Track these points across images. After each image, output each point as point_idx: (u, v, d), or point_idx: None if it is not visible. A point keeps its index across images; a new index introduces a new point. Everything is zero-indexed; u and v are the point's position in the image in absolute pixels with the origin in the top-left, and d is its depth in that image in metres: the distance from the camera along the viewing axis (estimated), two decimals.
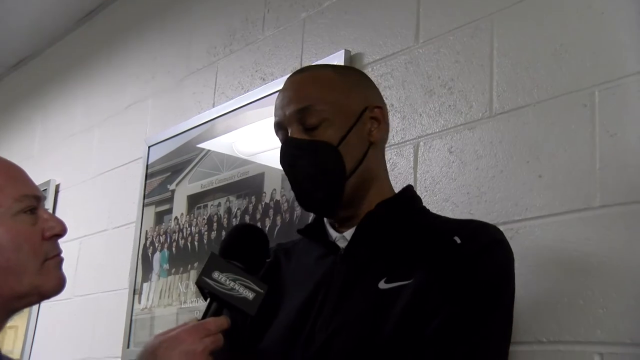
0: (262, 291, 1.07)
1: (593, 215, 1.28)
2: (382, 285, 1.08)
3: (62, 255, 1.17)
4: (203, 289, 1.09)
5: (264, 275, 1.20)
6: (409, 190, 1.24)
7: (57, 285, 1.15)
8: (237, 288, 1.06)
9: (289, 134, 1.16)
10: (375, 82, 1.29)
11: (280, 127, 1.19)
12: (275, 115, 1.19)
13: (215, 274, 1.06)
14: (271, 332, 1.16)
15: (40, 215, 1.15)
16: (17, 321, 3.11)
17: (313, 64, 1.81)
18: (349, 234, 1.17)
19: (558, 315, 1.29)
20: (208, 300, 1.08)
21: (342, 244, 1.17)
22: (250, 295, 1.07)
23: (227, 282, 1.06)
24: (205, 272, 1.07)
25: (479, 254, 1.07)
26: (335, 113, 1.15)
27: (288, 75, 1.23)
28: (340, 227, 1.20)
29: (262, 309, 1.07)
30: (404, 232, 1.15)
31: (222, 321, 1.05)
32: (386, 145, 1.67)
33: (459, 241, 1.08)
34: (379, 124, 1.19)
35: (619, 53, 1.32)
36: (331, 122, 1.14)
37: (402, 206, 1.20)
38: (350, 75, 1.24)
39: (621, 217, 1.25)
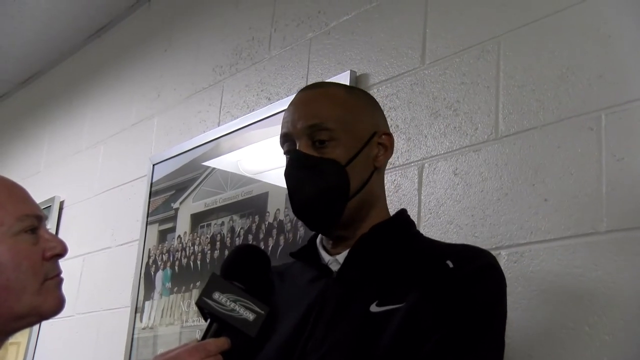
0: (262, 312, 1.07)
1: (600, 240, 1.27)
2: (374, 308, 1.08)
3: (62, 275, 1.16)
4: (203, 310, 1.08)
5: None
6: (402, 214, 1.23)
7: (56, 305, 1.14)
8: (237, 309, 1.06)
9: (298, 147, 1.16)
10: (380, 103, 1.29)
11: (287, 139, 1.19)
12: (283, 127, 1.19)
13: (216, 295, 1.06)
14: (263, 354, 1.15)
15: (42, 235, 1.14)
16: (19, 337, 3.09)
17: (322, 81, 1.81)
18: (341, 257, 1.16)
19: (564, 341, 1.27)
20: (208, 320, 1.08)
21: (334, 267, 1.17)
22: (250, 316, 1.06)
23: (228, 303, 1.06)
24: (206, 293, 1.06)
25: (471, 278, 1.06)
26: (344, 132, 1.15)
27: (294, 95, 1.23)
28: (333, 249, 1.19)
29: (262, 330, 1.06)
30: (396, 256, 1.14)
31: (222, 342, 1.05)
32: (390, 167, 1.67)
33: (451, 265, 1.07)
34: (386, 151, 1.20)
35: (625, 77, 1.31)
36: (340, 141, 1.15)
37: (396, 230, 1.19)
38: (361, 98, 1.24)
39: (628, 242, 1.23)
